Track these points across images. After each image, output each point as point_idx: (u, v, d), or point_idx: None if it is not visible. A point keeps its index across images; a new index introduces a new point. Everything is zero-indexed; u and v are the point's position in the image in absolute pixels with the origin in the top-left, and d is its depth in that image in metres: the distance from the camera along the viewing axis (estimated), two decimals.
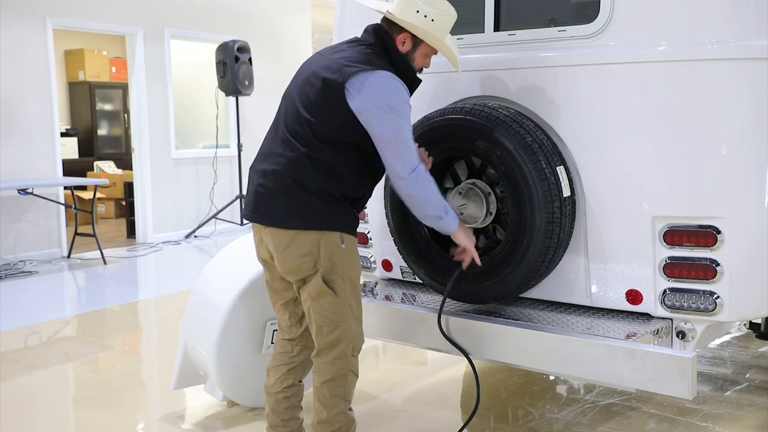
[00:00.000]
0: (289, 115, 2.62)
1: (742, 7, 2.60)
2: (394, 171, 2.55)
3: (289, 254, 2.59)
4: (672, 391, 2.47)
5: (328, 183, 2.54)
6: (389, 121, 2.49)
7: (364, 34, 2.69)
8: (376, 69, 2.51)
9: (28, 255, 7.76)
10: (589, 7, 2.83)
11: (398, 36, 2.64)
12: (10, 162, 7.63)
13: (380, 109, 2.47)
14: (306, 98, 2.57)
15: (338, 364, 2.68)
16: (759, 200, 2.65)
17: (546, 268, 2.89)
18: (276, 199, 2.58)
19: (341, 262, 2.60)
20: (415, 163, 2.54)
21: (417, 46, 2.64)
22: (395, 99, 2.50)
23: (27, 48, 7.78)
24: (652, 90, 2.68)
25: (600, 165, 2.82)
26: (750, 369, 4.15)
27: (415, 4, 2.58)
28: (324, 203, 2.55)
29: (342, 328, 2.64)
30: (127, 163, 10.52)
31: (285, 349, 2.91)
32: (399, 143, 2.51)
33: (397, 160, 2.53)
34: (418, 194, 2.59)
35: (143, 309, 6.24)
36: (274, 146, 2.63)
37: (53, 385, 4.31)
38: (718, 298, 2.68)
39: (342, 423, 2.74)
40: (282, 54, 10.19)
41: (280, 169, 2.57)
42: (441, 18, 2.61)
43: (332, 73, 2.52)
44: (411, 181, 2.54)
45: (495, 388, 3.91)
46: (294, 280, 2.66)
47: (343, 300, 2.63)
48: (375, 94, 2.48)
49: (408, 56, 2.65)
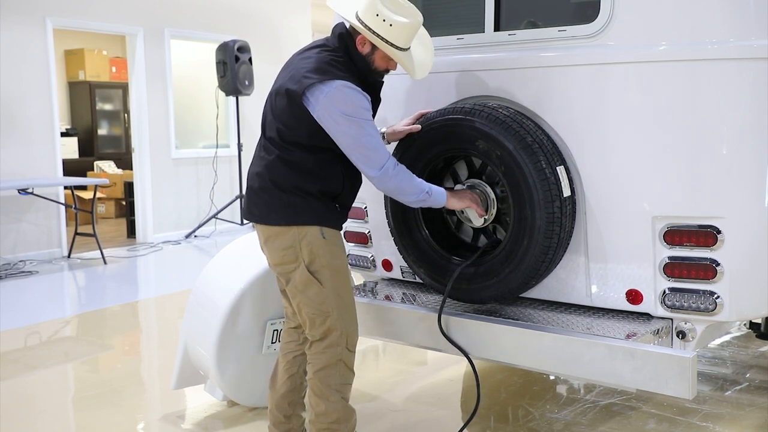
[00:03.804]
0: (267, 122, 2.79)
1: (742, 7, 2.60)
2: (363, 172, 2.71)
3: (274, 247, 2.75)
4: (672, 391, 2.47)
5: (303, 181, 2.68)
6: (347, 129, 2.59)
7: (331, 36, 2.78)
8: (331, 79, 2.60)
9: (28, 255, 7.76)
10: (589, 7, 2.82)
11: (358, 37, 2.71)
12: (10, 162, 7.63)
13: (337, 118, 2.59)
14: (277, 107, 2.73)
15: (329, 353, 2.75)
16: (759, 200, 2.65)
17: (546, 268, 2.88)
18: (260, 198, 2.76)
19: (322, 253, 2.70)
20: (381, 162, 2.64)
21: (375, 48, 2.70)
22: (350, 106, 2.59)
23: (27, 48, 7.78)
24: (652, 90, 2.67)
25: (600, 165, 2.82)
26: (750, 369, 4.15)
27: (376, 8, 2.63)
28: (300, 200, 2.69)
29: (332, 318, 2.73)
30: (127, 163, 10.52)
31: (291, 337, 3.02)
32: (360, 147, 2.62)
33: (362, 162, 2.65)
34: (393, 188, 2.71)
35: (143, 309, 6.24)
36: (259, 150, 2.81)
37: (53, 385, 4.31)
38: (718, 298, 2.68)
39: (340, 414, 2.76)
40: (282, 54, 10.17)
41: (262, 171, 2.75)
42: (400, 23, 2.63)
43: (294, 84, 2.65)
44: (381, 178, 2.65)
45: (495, 388, 3.91)
46: (278, 273, 2.81)
47: (330, 290, 2.72)
48: (331, 104, 2.58)
49: (368, 58, 2.72)
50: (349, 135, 2.60)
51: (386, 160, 2.64)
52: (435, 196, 2.75)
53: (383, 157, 2.64)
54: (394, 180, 2.66)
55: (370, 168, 2.64)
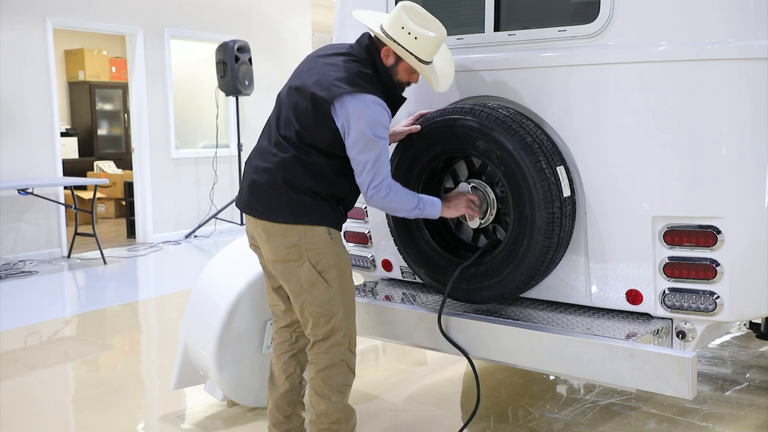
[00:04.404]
0: (282, 120, 2.76)
1: (742, 7, 2.60)
2: (360, 184, 2.71)
3: (278, 244, 2.72)
4: (672, 391, 2.47)
5: (315, 183, 2.69)
6: (367, 147, 2.63)
7: (356, 45, 2.80)
8: (362, 93, 2.62)
9: (28, 255, 7.76)
10: (589, 7, 2.83)
11: (383, 49, 2.74)
12: (10, 162, 7.63)
13: (360, 135, 2.61)
14: (297, 108, 2.71)
15: (332, 352, 2.76)
16: (759, 200, 2.65)
17: (546, 268, 2.89)
18: (267, 194, 2.72)
19: (330, 252, 2.72)
20: (377, 181, 2.67)
21: (399, 60, 2.74)
22: (376, 125, 2.62)
23: (27, 48, 7.78)
24: (652, 90, 2.67)
25: (600, 165, 2.82)
26: (750, 369, 4.15)
27: (401, 20, 2.67)
28: (311, 200, 2.70)
29: (338, 318, 2.74)
30: (127, 163, 10.52)
31: (284, 338, 3.01)
32: (372, 165, 2.65)
33: (365, 174, 2.66)
34: (383, 206, 2.75)
35: (143, 309, 6.24)
36: (268, 146, 2.78)
37: (53, 385, 4.31)
38: (718, 298, 2.68)
39: (340, 414, 2.77)
40: (282, 54, 10.19)
41: (272, 167, 2.71)
42: (425, 36, 2.67)
43: (321, 90, 2.65)
44: (372, 195, 2.69)
45: (495, 388, 3.91)
46: (278, 271, 2.77)
47: (336, 289, 2.73)
48: (358, 119, 2.61)
49: (391, 70, 2.75)
50: (366, 153, 2.63)
51: (381, 181, 2.67)
52: (429, 208, 2.79)
53: (383, 178, 2.68)
54: (383, 201, 2.70)
55: (367, 181, 2.66)
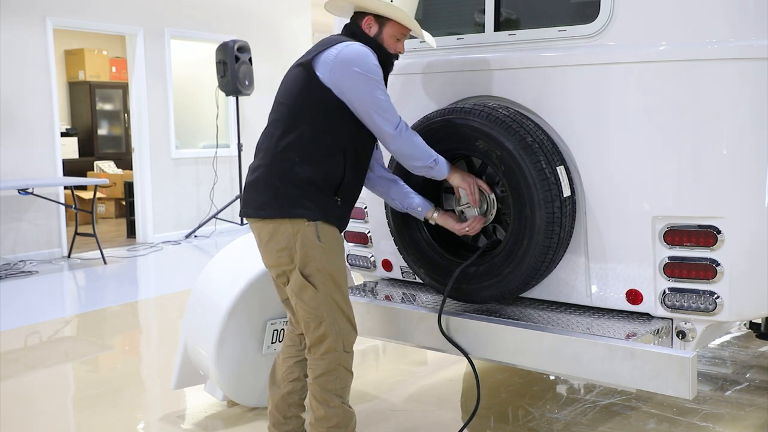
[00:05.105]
0: (273, 112, 2.76)
1: (742, 7, 2.60)
2: (380, 130, 2.67)
3: (270, 248, 2.70)
4: (672, 391, 2.47)
5: (304, 166, 2.61)
6: (362, 84, 2.60)
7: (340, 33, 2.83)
8: (341, 42, 2.65)
9: (28, 255, 7.76)
10: (589, 7, 2.83)
11: (363, 21, 2.74)
12: (10, 162, 7.63)
13: (350, 75, 2.59)
14: (285, 88, 2.73)
15: (327, 358, 2.73)
16: (759, 200, 2.65)
17: (546, 268, 2.88)
18: (257, 190, 2.69)
19: (317, 256, 2.65)
20: (396, 120, 2.67)
21: (383, 27, 2.74)
22: (364, 63, 2.61)
23: (27, 48, 7.78)
24: (652, 90, 2.67)
25: (600, 165, 2.82)
26: (750, 369, 4.15)
27: None
28: (297, 189, 2.62)
29: (327, 323, 2.70)
30: (127, 163, 10.53)
31: (294, 341, 2.98)
32: (375, 103, 2.62)
33: (378, 119, 2.63)
34: (404, 149, 2.72)
35: (143, 309, 6.24)
36: (262, 143, 2.76)
37: (53, 385, 4.31)
38: (718, 298, 2.68)
39: (339, 418, 2.76)
40: (282, 54, 10.18)
41: (259, 162, 2.71)
42: None
43: (303, 58, 2.68)
44: (396, 136, 2.67)
45: (495, 388, 3.91)
46: (275, 275, 2.76)
47: (324, 295, 2.68)
48: (344, 61, 2.60)
49: (377, 39, 2.74)
50: (363, 90, 2.60)
51: (400, 120, 2.68)
52: (440, 166, 2.80)
53: (397, 117, 2.68)
54: (407, 141, 2.69)
55: (387, 124, 2.64)
